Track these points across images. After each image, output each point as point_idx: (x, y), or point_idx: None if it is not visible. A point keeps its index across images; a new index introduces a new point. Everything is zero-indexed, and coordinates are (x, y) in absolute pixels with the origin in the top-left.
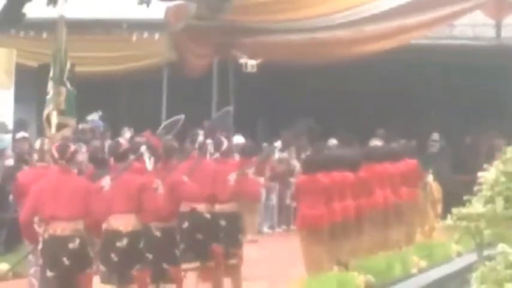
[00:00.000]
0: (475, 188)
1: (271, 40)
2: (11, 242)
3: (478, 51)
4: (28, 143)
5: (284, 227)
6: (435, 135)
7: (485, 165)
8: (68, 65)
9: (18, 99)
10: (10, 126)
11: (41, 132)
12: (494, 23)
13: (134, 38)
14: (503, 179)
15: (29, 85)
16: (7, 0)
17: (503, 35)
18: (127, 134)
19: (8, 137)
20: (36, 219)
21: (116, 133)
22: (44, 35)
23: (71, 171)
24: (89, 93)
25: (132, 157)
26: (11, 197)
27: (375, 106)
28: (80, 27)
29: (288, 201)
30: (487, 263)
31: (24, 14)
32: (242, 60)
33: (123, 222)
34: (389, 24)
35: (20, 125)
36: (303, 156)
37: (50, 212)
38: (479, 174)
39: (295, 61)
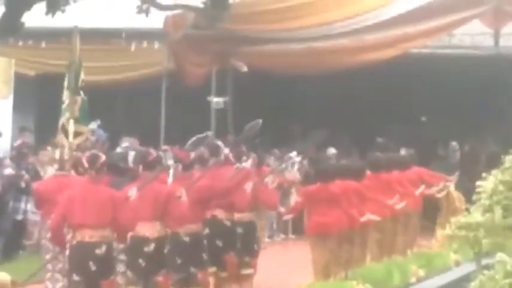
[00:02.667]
0: (474, 197)
1: (270, 49)
2: (9, 250)
3: (477, 60)
4: (28, 149)
5: (283, 236)
6: (454, 144)
7: (483, 174)
8: (82, 75)
9: (17, 107)
10: (4, 132)
11: (39, 140)
12: (493, 32)
13: (133, 47)
14: (501, 188)
15: (28, 94)
16: (6, 9)
17: (502, 44)
18: (125, 143)
19: (2, 143)
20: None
21: (114, 142)
22: (43, 44)
23: (100, 180)
24: (88, 102)
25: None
26: (10, 204)
27: (373, 115)
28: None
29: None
30: (485, 272)
31: (22, 23)
32: (209, 98)
33: (149, 229)
34: (388, 34)
35: (21, 133)
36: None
37: (79, 219)
38: (478, 183)
39: (294, 70)
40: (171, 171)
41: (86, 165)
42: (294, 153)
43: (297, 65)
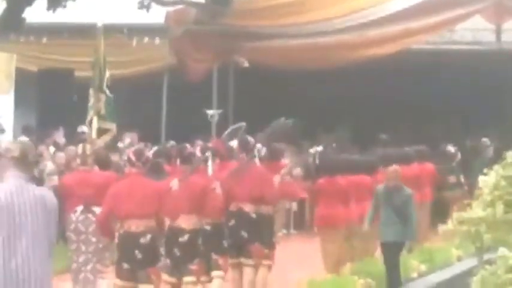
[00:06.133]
0: (476, 192)
1: (272, 45)
2: None
3: (478, 56)
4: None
5: (284, 231)
6: (485, 140)
7: (485, 170)
8: (108, 73)
9: (18, 103)
10: (6, 128)
11: (40, 136)
12: (494, 27)
13: (134, 42)
14: (503, 183)
15: (29, 89)
16: (7, 5)
17: (503, 39)
18: (127, 139)
19: (4, 139)
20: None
21: (116, 138)
22: (44, 39)
23: (144, 174)
24: (89, 97)
25: (197, 160)
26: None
27: (375, 112)
28: (80, 32)
29: (287, 205)
30: (487, 267)
31: (24, 19)
32: (207, 111)
33: (185, 221)
34: (390, 29)
35: (25, 131)
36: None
37: (125, 210)
38: (480, 178)
39: (296, 66)
40: (210, 163)
41: (133, 158)
42: (320, 147)
43: (299, 60)
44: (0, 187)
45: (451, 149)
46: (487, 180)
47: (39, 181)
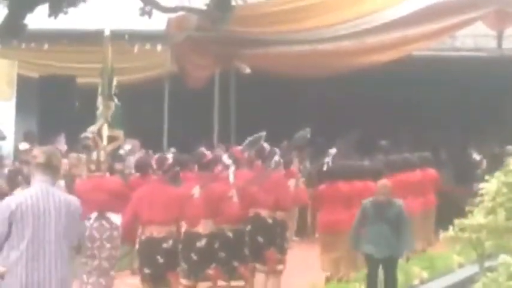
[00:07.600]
0: (477, 199)
1: (273, 51)
2: None
3: (480, 62)
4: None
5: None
6: (510, 148)
7: (486, 176)
8: (115, 81)
9: (20, 110)
10: (7, 134)
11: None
12: (496, 34)
13: (136, 49)
14: (504, 190)
15: (31, 96)
16: (8, 12)
17: (505, 45)
18: (128, 146)
19: (5, 144)
20: None
21: None
22: (46, 46)
23: (167, 181)
24: (90, 104)
25: (218, 167)
26: None
27: (376, 118)
28: (81, 39)
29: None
30: (488, 274)
31: (25, 25)
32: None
33: (202, 226)
34: (391, 36)
35: (27, 137)
36: (302, 167)
37: (148, 217)
38: (481, 185)
39: (296, 72)
40: (231, 170)
41: (155, 166)
42: (333, 150)
43: (299, 67)
44: (26, 191)
45: (476, 156)
46: (488, 187)
47: None
